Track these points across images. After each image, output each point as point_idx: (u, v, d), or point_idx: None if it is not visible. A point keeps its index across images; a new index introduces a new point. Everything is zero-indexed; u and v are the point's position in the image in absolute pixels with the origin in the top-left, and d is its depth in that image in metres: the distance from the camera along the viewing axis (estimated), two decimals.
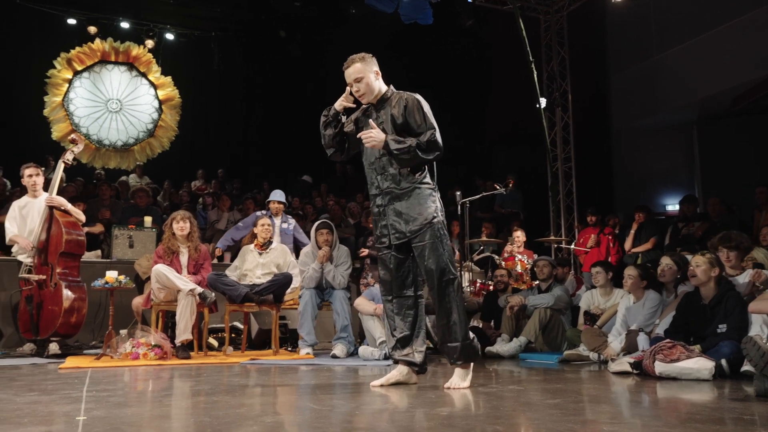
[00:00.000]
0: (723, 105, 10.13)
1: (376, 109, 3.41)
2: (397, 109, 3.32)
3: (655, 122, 11.33)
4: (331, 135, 3.47)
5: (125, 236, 6.94)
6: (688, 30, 10.17)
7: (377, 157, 3.34)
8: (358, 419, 2.37)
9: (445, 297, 3.21)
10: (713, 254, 3.98)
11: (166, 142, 12.57)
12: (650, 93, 10.98)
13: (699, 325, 3.94)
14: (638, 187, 11.52)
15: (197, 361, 4.87)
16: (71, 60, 11.85)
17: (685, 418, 2.45)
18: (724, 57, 9.57)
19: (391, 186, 3.29)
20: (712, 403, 2.86)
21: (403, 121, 3.29)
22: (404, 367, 3.33)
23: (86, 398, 2.80)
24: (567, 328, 5.33)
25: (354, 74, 3.35)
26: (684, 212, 7.62)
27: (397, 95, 3.39)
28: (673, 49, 10.55)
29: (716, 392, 3.15)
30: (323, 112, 3.51)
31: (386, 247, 3.33)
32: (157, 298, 5.21)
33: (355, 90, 3.37)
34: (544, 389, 3.28)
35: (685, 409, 2.73)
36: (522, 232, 7.93)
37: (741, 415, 2.44)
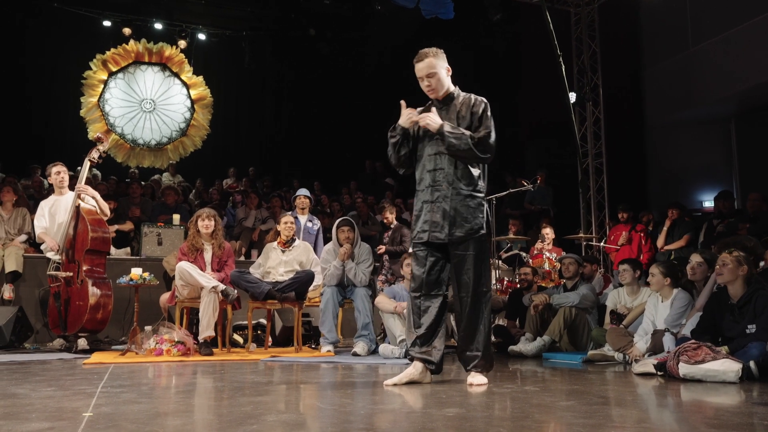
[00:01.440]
0: (762, 98, 9.75)
1: (440, 106, 3.38)
2: (464, 109, 3.33)
3: (691, 116, 10.98)
4: (406, 154, 3.42)
5: (154, 234, 7.04)
6: (726, 20, 9.83)
7: (432, 154, 3.32)
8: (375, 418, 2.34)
9: (475, 308, 3.26)
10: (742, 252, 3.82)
11: (198, 140, 12.75)
12: (686, 86, 10.66)
13: (727, 326, 3.79)
14: (673, 183, 11.21)
15: (219, 357, 4.91)
16: (106, 61, 12.12)
17: (708, 423, 2.34)
18: (763, 48, 9.22)
19: (443, 185, 3.28)
20: (737, 407, 2.74)
21: (469, 123, 3.30)
22: (420, 365, 3.30)
23: (99, 394, 2.83)
24: (593, 328, 5.20)
25: (427, 69, 3.30)
26: (719, 208, 7.38)
27: (464, 96, 3.40)
28: (709, 41, 10.22)
29: (743, 395, 3.02)
30: (389, 132, 3.43)
31: (423, 243, 3.32)
32: (181, 295, 5.27)
33: (426, 84, 3.33)
34: (561, 390, 3.19)
35: (709, 413, 2.62)
36: (551, 229, 7.78)
37: (764, 420, 2.33)
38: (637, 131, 11.70)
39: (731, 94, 10.03)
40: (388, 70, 12.39)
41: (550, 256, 7.15)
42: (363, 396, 2.93)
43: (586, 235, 9.03)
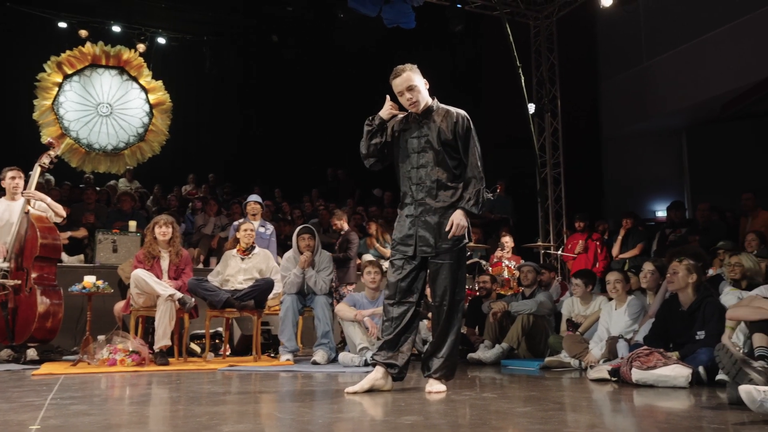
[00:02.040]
0: (712, 111, 10.12)
1: (419, 121, 3.40)
2: (446, 124, 3.34)
3: (645, 128, 11.33)
4: (377, 144, 3.45)
5: (109, 241, 6.88)
6: (678, 37, 10.19)
7: (414, 167, 3.37)
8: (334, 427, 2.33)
9: (450, 316, 3.33)
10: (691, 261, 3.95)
11: (156, 146, 12.51)
12: (640, 99, 10.99)
13: (677, 332, 3.91)
14: (627, 193, 11.52)
15: (175, 367, 4.81)
16: (61, 63, 11.80)
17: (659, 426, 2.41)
18: (713, 64, 9.59)
19: (427, 199, 3.33)
20: (687, 411, 2.82)
21: (452, 138, 3.33)
22: (382, 370, 3.31)
23: (48, 406, 2.74)
24: (550, 335, 5.28)
25: (406, 82, 3.33)
26: (671, 218, 7.61)
27: (443, 109, 3.42)
28: (662, 56, 10.57)
29: (692, 400, 3.11)
30: (366, 121, 3.47)
31: (406, 254, 3.35)
32: (136, 304, 5.16)
33: (408, 98, 3.34)
34: (518, 396, 3.23)
35: (660, 417, 2.69)
36: (510, 238, 7.89)
37: (711, 423, 2.40)
38: (594, 142, 11.99)
39: (682, 108, 10.39)
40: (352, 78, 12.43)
41: (509, 264, 7.25)
42: (322, 405, 2.92)
43: (544, 243, 9.20)
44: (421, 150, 3.36)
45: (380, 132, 3.45)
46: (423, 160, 3.34)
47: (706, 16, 9.76)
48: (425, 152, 3.35)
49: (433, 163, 3.34)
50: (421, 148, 3.36)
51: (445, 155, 3.34)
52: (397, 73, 3.36)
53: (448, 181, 3.34)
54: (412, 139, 3.40)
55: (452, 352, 3.36)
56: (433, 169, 3.33)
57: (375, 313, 5.05)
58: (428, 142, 3.34)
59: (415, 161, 3.36)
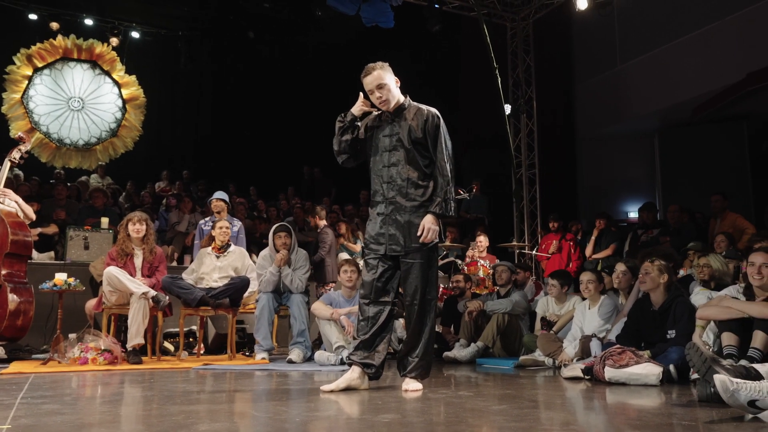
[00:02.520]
0: (683, 115, 10.33)
1: (392, 118, 3.41)
2: (416, 122, 3.35)
3: (618, 131, 11.51)
4: (348, 141, 3.44)
5: (80, 237, 6.76)
6: (651, 41, 10.37)
7: (385, 165, 3.37)
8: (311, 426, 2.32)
9: (422, 315, 3.32)
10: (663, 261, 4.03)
11: (129, 142, 12.30)
12: (613, 102, 11.16)
13: (649, 331, 3.98)
14: (601, 194, 11.69)
15: (149, 366, 4.76)
16: (32, 56, 11.54)
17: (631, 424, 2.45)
18: (685, 68, 9.79)
19: (397, 197, 3.33)
20: (658, 409, 2.87)
21: (422, 137, 3.34)
22: (358, 369, 3.31)
23: (18, 406, 2.69)
24: (525, 334, 5.34)
25: (376, 81, 3.33)
26: (643, 219, 7.73)
27: (415, 107, 3.42)
28: (635, 59, 10.75)
29: (663, 397, 3.17)
30: (338, 117, 3.48)
31: (378, 252, 3.35)
32: (109, 302, 5.09)
33: (378, 96, 3.34)
34: (493, 395, 3.26)
35: (631, 414, 2.74)
36: (485, 237, 7.95)
37: (682, 420, 2.46)
38: (568, 144, 12.15)
39: (654, 111, 10.59)
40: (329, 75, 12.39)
41: (484, 264, 7.30)
42: (298, 403, 2.91)
43: (519, 243, 9.28)
44: (392, 148, 3.37)
45: (351, 128, 3.45)
46: (394, 159, 3.36)
47: (678, 21, 9.95)
48: (396, 150, 3.36)
49: (404, 161, 3.34)
50: (392, 147, 3.37)
51: (416, 153, 3.34)
52: (367, 71, 3.36)
53: (419, 179, 3.34)
54: (384, 137, 3.41)
55: (427, 351, 3.38)
56: (404, 167, 3.34)
57: (351, 311, 5.06)
58: (399, 141, 3.35)
59: (386, 159, 3.37)
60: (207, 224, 6.66)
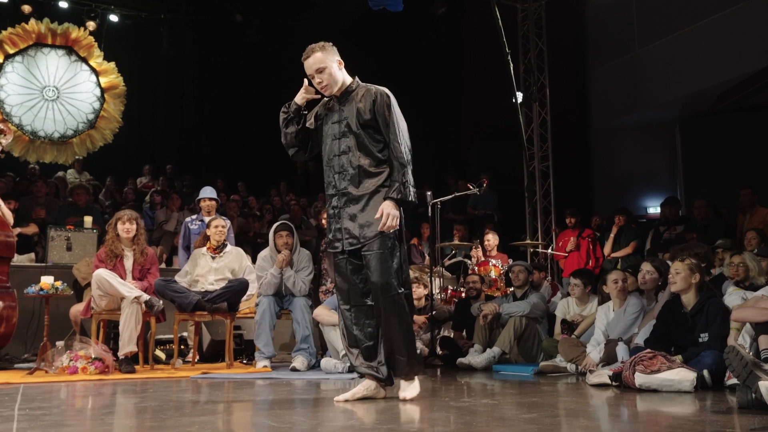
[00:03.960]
0: (707, 102, 10.37)
1: (339, 103, 3.38)
2: (364, 104, 3.30)
3: (636, 120, 11.56)
4: (293, 132, 3.42)
5: (62, 238, 6.79)
6: (671, 23, 10.40)
7: (336, 154, 3.33)
8: None
9: (388, 312, 3.21)
10: (694, 260, 4.09)
11: (108, 134, 12.30)
12: (631, 89, 11.20)
13: (680, 335, 4.04)
14: (618, 188, 11.74)
15: (142, 375, 4.80)
16: (2, 42, 11.51)
17: None
18: (709, 52, 9.82)
19: (350, 187, 3.28)
20: (694, 416, 2.93)
21: (371, 118, 3.28)
22: (372, 382, 3.32)
23: (19, 417, 2.73)
24: (543, 338, 5.40)
25: (315, 64, 3.30)
26: (666, 215, 7.79)
27: (363, 88, 3.37)
28: (655, 44, 10.78)
29: (698, 404, 3.23)
30: (282, 108, 3.45)
31: (340, 252, 3.32)
32: (99, 307, 5.11)
33: (318, 81, 3.32)
34: (518, 403, 3.32)
35: (666, 423, 2.80)
36: (493, 235, 7.98)
37: (723, 428, 2.52)
38: (583, 134, 12.20)
39: (676, 99, 10.62)
40: None
41: (496, 263, 7.35)
42: (305, 414, 2.95)
43: (532, 241, 9.33)
44: (341, 135, 3.33)
45: (297, 119, 3.42)
46: (344, 146, 3.31)
47: (701, 1, 10.00)
48: (345, 137, 3.31)
49: (355, 147, 3.29)
50: (341, 133, 3.33)
51: (367, 138, 3.28)
52: (306, 53, 3.32)
53: (372, 166, 3.28)
54: (333, 124, 3.37)
55: (409, 349, 3.27)
56: (354, 154, 3.29)
57: None
58: (347, 126, 3.30)
59: (337, 148, 3.33)
60: (193, 223, 6.69)
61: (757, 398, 2.80)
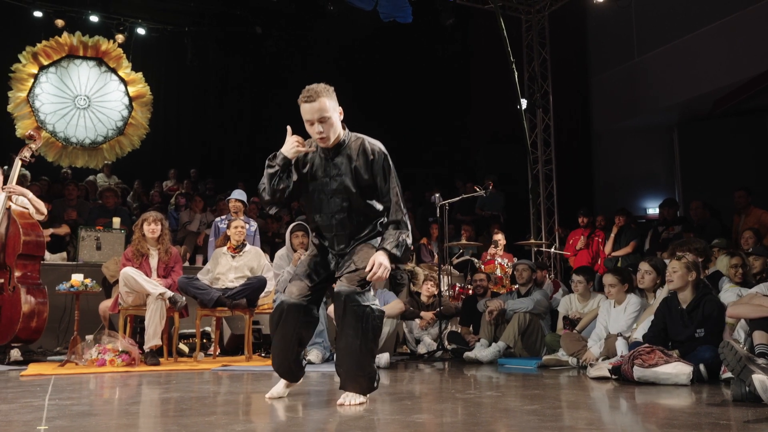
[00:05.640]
0: (704, 108, 10.31)
1: (329, 155, 2.95)
2: (361, 162, 2.91)
3: (636, 124, 11.50)
4: (283, 189, 2.91)
5: (92, 238, 6.84)
6: (670, 32, 10.35)
7: (331, 213, 2.95)
8: (332, 427, 2.37)
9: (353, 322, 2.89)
10: (690, 258, 4.05)
11: (136, 140, 12.40)
12: (631, 95, 11.14)
13: (677, 330, 4.01)
14: (619, 189, 11.68)
15: (167, 367, 4.82)
16: (37, 54, 11.64)
17: (662, 424, 2.49)
18: (705, 60, 9.76)
19: (345, 248, 2.98)
20: (690, 408, 2.90)
21: (369, 178, 2.92)
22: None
23: (48, 407, 2.76)
24: (546, 333, 5.38)
25: (320, 112, 2.84)
26: (664, 216, 7.74)
27: (357, 143, 2.96)
28: (654, 51, 10.73)
29: (694, 397, 3.20)
30: (268, 160, 2.95)
31: (311, 280, 2.97)
32: (125, 303, 5.15)
33: (317, 131, 2.86)
34: (522, 395, 3.30)
35: (662, 415, 2.78)
36: (503, 235, 7.99)
37: (717, 420, 2.49)
38: (585, 138, 12.14)
39: (674, 104, 10.56)
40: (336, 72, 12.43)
41: (501, 262, 7.34)
42: (319, 405, 2.96)
43: (536, 241, 9.30)
44: (334, 194, 2.94)
45: (286, 174, 2.92)
46: (337, 206, 2.94)
47: (697, 11, 9.93)
48: (340, 196, 2.93)
49: (352, 208, 2.94)
50: (334, 192, 2.94)
51: (363, 198, 2.94)
52: (309, 96, 2.86)
53: (369, 221, 2.99)
54: (323, 178, 2.96)
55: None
56: (351, 216, 2.95)
57: None
58: (342, 184, 2.91)
59: (331, 207, 2.94)
60: (223, 222, 6.72)
61: (751, 391, 2.77)
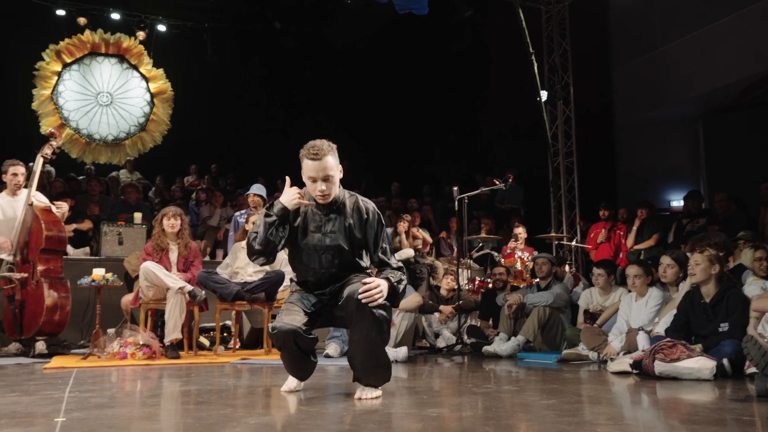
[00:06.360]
0: (729, 98, 10.08)
1: (324, 213, 2.94)
2: (354, 220, 2.94)
3: (660, 116, 11.30)
4: (276, 243, 2.88)
5: (114, 233, 6.91)
6: (693, 21, 10.14)
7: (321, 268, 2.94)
8: (348, 420, 2.36)
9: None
10: (713, 251, 3.97)
11: (158, 136, 12.53)
12: (654, 86, 10.95)
13: (700, 324, 3.93)
14: (642, 182, 11.50)
15: (187, 360, 4.86)
16: (60, 52, 11.81)
17: (684, 419, 2.44)
18: (731, 48, 9.54)
19: (334, 287, 2.97)
20: (713, 404, 2.85)
21: (361, 238, 2.95)
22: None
23: (68, 399, 2.79)
24: (566, 327, 5.32)
25: (326, 170, 2.84)
26: (688, 208, 7.61)
27: (351, 201, 2.97)
28: (677, 41, 10.52)
29: (717, 392, 3.14)
30: (266, 210, 2.92)
31: (304, 306, 2.96)
32: (146, 297, 5.20)
33: (320, 189, 2.84)
34: (540, 389, 3.27)
35: (685, 410, 2.72)
36: (523, 229, 7.92)
37: (741, 416, 2.43)
38: (607, 130, 11.97)
39: (698, 95, 10.34)
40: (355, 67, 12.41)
41: (522, 256, 7.27)
42: (337, 398, 2.95)
43: (557, 234, 9.21)
44: (326, 249, 2.92)
45: (282, 225, 2.89)
46: (330, 262, 2.93)
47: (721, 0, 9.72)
48: (332, 252, 2.92)
49: (342, 263, 2.94)
50: (326, 248, 2.92)
51: (353, 255, 2.96)
52: (316, 154, 2.84)
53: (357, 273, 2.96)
54: (314, 233, 2.93)
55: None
56: (341, 270, 2.95)
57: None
58: (335, 241, 2.91)
59: (323, 262, 2.93)
60: (242, 216, 6.75)
61: None
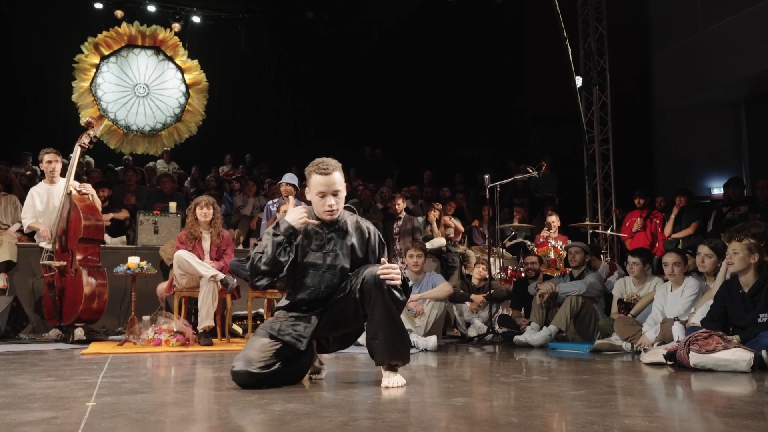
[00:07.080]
0: None
1: (326, 231, 2.95)
2: (356, 240, 2.96)
3: (701, 101, 10.99)
4: (283, 263, 2.85)
5: (150, 222, 7.04)
6: (736, 3, 9.81)
7: (321, 287, 2.92)
8: (374, 408, 2.36)
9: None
10: (752, 240, 3.84)
11: (193, 126, 12.73)
12: (695, 70, 10.64)
13: (738, 315, 3.81)
14: (681, 169, 11.23)
15: (219, 347, 4.93)
16: (98, 45, 12.07)
17: (720, 412, 2.37)
18: None
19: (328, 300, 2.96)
20: (749, 397, 2.76)
21: (363, 257, 2.97)
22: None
23: (101, 384, 2.85)
24: (599, 317, 5.23)
25: (336, 185, 2.87)
26: (729, 196, 7.39)
27: (352, 221, 3.01)
28: (719, 23, 10.20)
29: (754, 385, 3.04)
30: (273, 230, 2.88)
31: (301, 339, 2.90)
32: (180, 285, 5.29)
33: (329, 204, 2.85)
34: (571, 380, 3.22)
35: (720, 402, 2.65)
36: (557, 217, 7.81)
37: None
38: (645, 116, 11.70)
39: (741, 79, 10.03)
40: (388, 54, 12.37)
41: (555, 245, 7.17)
42: (365, 386, 2.95)
43: (592, 223, 9.05)
44: (327, 268, 2.92)
45: (290, 246, 2.87)
46: (330, 280, 2.92)
47: None
48: (332, 271, 2.92)
49: (340, 283, 2.92)
50: (328, 267, 2.92)
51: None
52: (326, 169, 2.85)
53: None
54: (314, 252, 2.93)
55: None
56: (336, 289, 2.93)
57: (423, 297, 5.12)
58: (337, 260, 2.92)
59: (324, 281, 2.91)
60: (274, 205, 6.80)
61: None
